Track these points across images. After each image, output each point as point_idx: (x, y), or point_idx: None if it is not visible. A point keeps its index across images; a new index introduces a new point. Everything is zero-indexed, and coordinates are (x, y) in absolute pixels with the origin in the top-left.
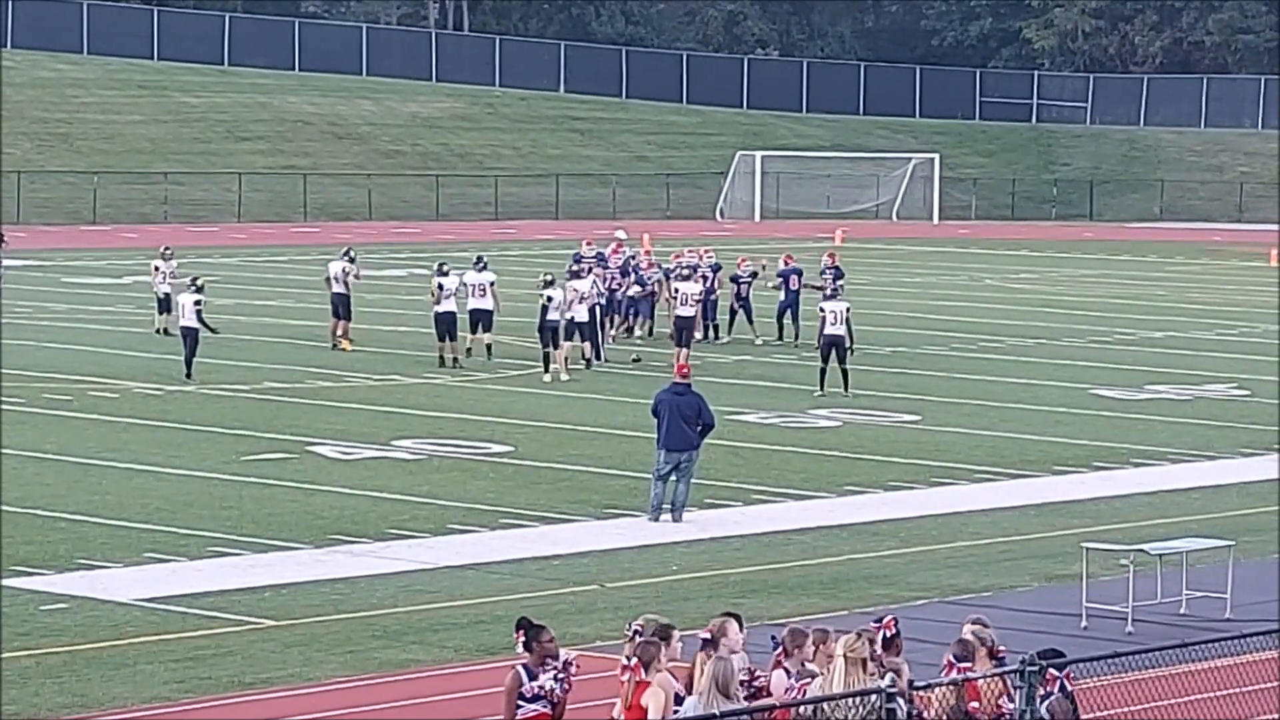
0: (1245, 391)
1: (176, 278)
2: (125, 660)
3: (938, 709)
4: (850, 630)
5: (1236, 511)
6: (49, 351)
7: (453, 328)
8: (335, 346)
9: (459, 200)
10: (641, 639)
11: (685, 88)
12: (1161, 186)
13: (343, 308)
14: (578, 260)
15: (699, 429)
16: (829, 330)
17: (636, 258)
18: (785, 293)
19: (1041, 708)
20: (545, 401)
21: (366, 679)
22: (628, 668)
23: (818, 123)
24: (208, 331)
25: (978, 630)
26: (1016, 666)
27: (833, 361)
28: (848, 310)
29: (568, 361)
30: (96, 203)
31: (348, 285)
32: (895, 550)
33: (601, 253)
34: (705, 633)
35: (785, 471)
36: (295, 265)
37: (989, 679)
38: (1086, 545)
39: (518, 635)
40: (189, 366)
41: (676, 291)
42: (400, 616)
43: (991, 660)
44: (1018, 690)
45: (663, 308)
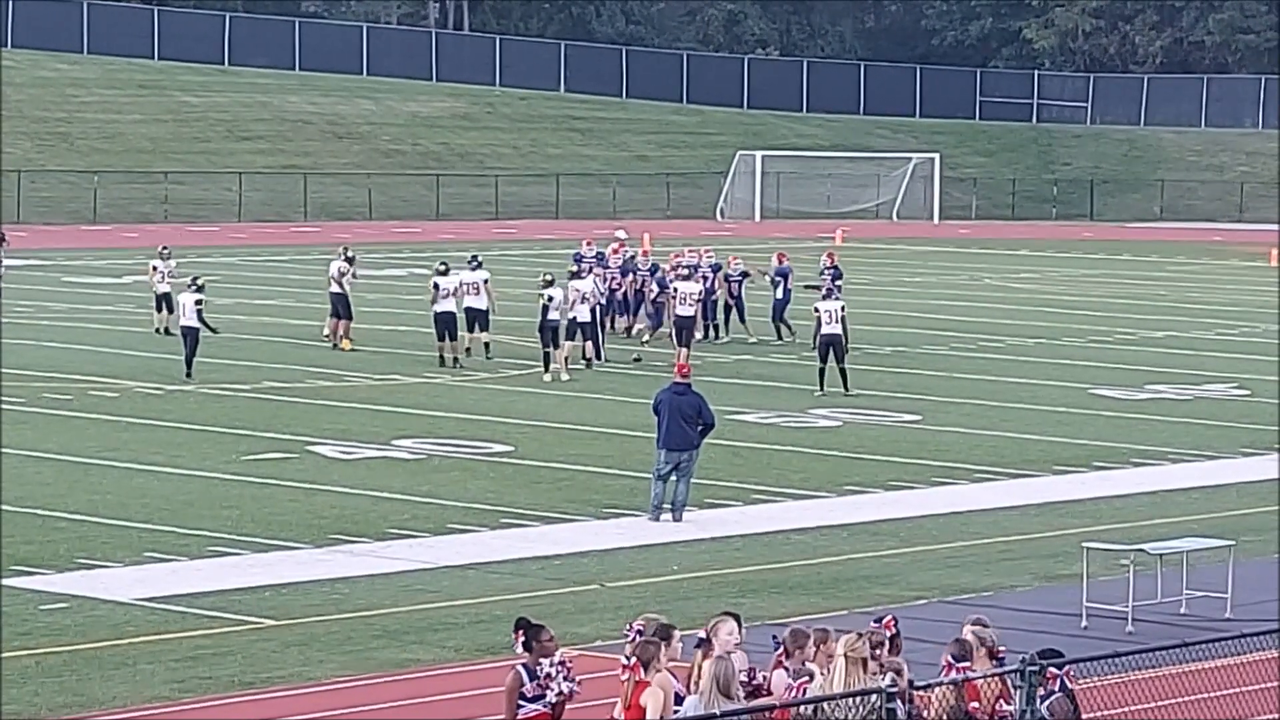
0: (1245, 391)
1: (175, 277)
2: (125, 660)
3: (937, 709)
4: (851, 630)
5: (1237, 511)
6: (49, 351)
7: (452, 327)
8: (335, 346)
9: (459, 200)
10: (642, 639)
11: (685, 87)
12: (1162, 186)
13: (342, 307)
14: (578, 260)
15: (699, 429)
16: (826, 330)
17: (636, 257)
18: (782, 290)
19: (1042, 707)
20: (545, 401)
21: (366, 679)
22: (627, 667)
23: (818, 122)
24: (208, 331)
25: (978, 631)
26: (1016, 666)
27: (831, 361)
28: (843, 309)
29: (568, 361)
30: (97, 202)
31: (343, 285)
32: (895, 550)
33: (602, 252)
34: (702, 632)
35: (785, 471)
36: (295, 265)
37: (988, 679)
38: (1087, 545)
39: (517, 635)
40: (189, 366)
41: (675, 291)
42: (400, 616)
43: (992, 660)
44: (1018, 690)
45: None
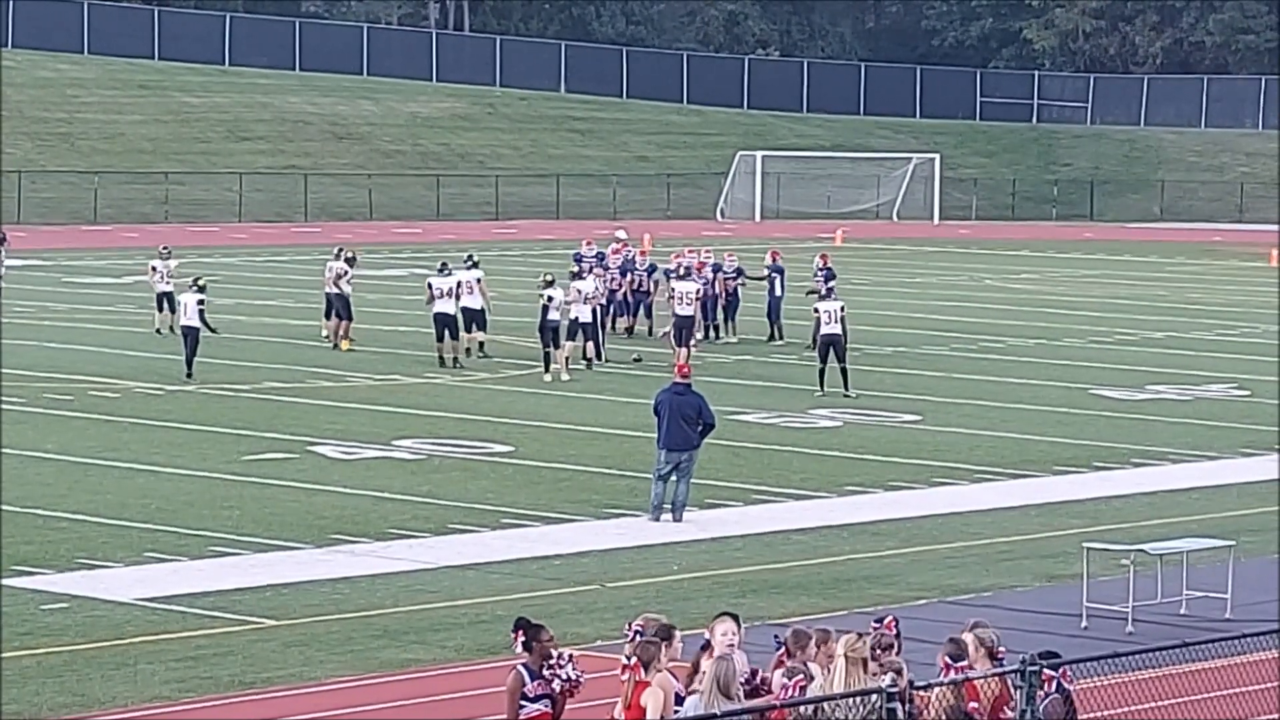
0: (1245, 391)
1: (176, 277)
2: (126, 660)
3: (936, 709)
4: (851, 630)
5: (1237, 511)
6: (49, 351)
7: (452, 327)
8: (335, 346)
9: (459, 200)
10: (642, 639)
11: (686, 88)
12: (1162, 187)
13: (342, 308)
14: (578, 260)
15: (700, 429)
16: (826, 330)
17: (634, 257)
18: (780, 287)
19: (1041, 708)
20: (546, 401)
21: (367, 679)
22: (628, 667)
23: (818, 123)
24: (208, 331)
25: (980, 634)
26: (1016, 667)
27: (832, 361)
28: (842, 309)
29: (568, 361)
30: (97, 203)
31: (342, 286)
32: (896, 550)
33: (602, 253)
34: (706, 633)
35: (786, 471)
36: (296, 265)
37: (987, 680)
38: (1087, 545)
39: (516, 636)
40: (190, 366)
41: (674, 291)
42: (401, 616)
43: (992, 662)
44: (1018, 690)
45: (660, 307)
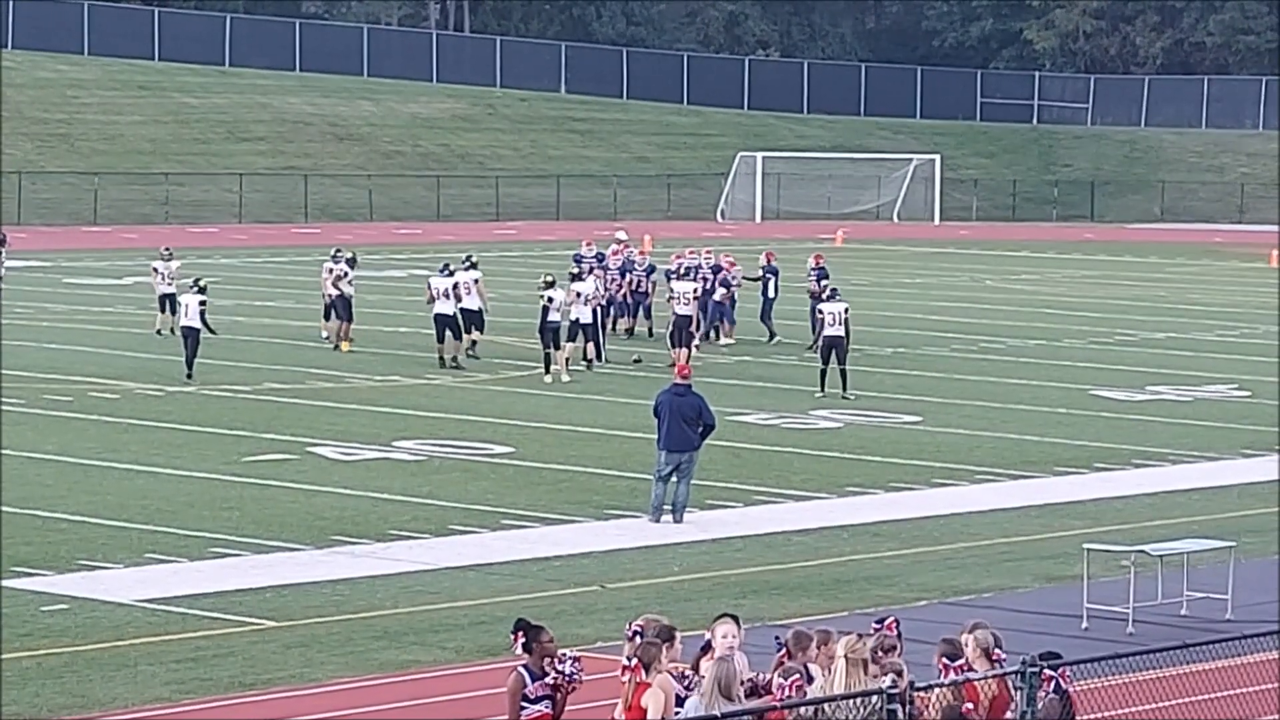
0: (1245, 392)
1: (177, 278)
2: (126, 661)
3: (936, 709)
4: (851, 631)
5: (1237, 512)
6: (49, 352)
7: (453, 328)
8: (335, 347)
9: (460, 201)
10: (643, 640)
11: (686, 88)
12: (1162, 187)
13: (343, 309)
14: (578, 261)
15: (700, 430)
16: (828, 331)
17: (634, 257)
18: (773, 288)
19: (1038, 708)
20: (546, 402)
21: (367, 679)
22: (628, 668)
23: (819, 124)
24: (209, 332)
25: (978, 635)
26: (1017, 668)
27: (833, 362)
28: (846, 311)
29: (568, 362)
30: (97, 203)
31: (341, 287)
32: (896, 551)
33: (602, 254)
34: (708, 634)
35: (786, 472)
36: (296, 266)
37: (985, 681)
38: (1087, 546)
39: (516, 637)
40: (190, 367)
41: (672, 291)
42: (401, 617)
43: (988, 664)
44: (1018, 690)
45: (660, 308)
